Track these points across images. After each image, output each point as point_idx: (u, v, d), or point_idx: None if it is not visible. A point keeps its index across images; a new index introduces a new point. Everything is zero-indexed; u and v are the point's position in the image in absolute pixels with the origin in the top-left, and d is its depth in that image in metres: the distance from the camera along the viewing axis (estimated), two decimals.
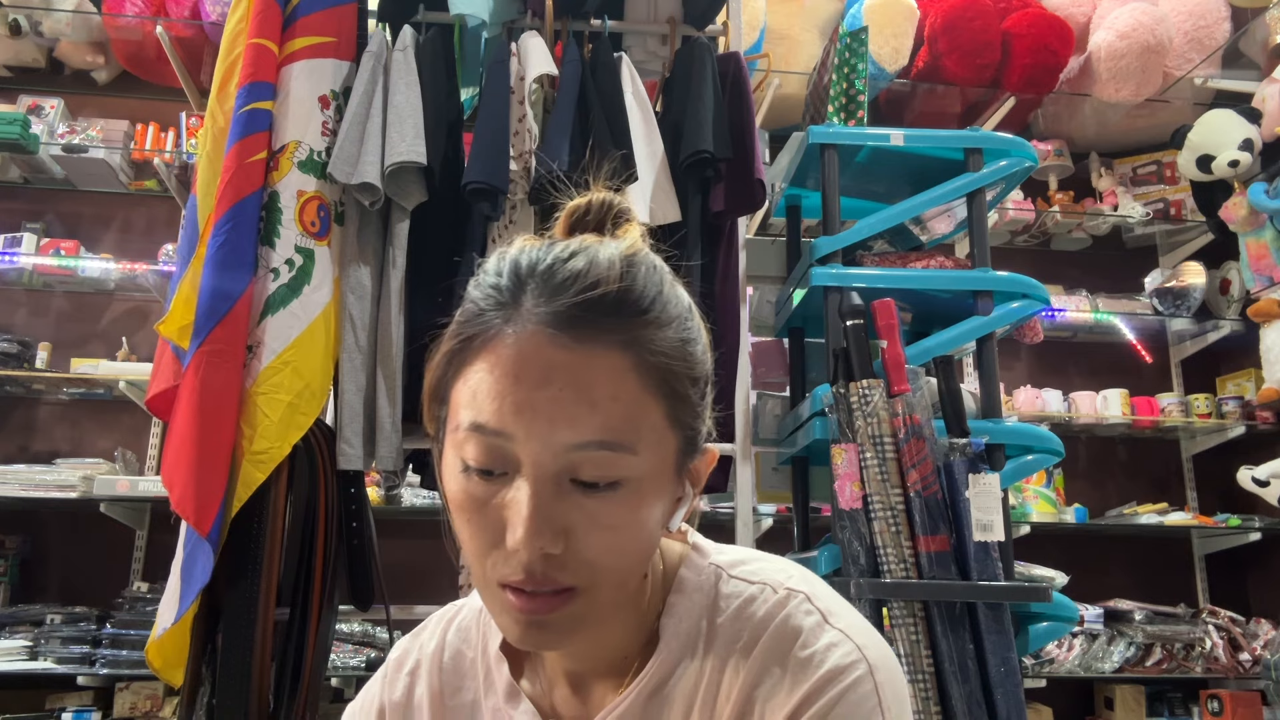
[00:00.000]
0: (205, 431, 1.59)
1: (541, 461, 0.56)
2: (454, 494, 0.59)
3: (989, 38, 3.17)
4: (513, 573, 0.56)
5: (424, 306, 1.86)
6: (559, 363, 0.55)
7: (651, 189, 1.87)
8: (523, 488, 0.56)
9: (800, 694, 0.59)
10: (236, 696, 1.59)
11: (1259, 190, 3.06)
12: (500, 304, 0.59)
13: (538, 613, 0.57)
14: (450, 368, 0.60)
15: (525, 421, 0.55)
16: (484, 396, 0.56)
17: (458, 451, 0.58)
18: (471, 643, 0.73)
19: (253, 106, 1.75)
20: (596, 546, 0.57)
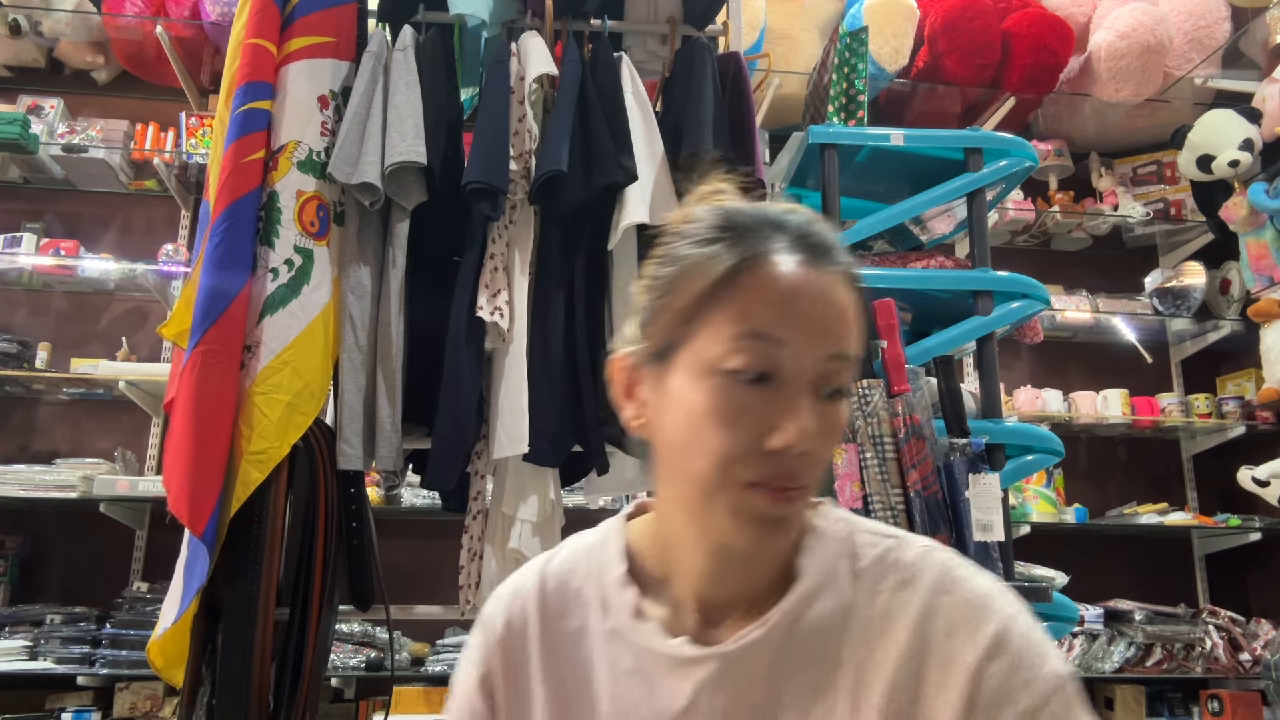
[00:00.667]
0: (200, 432, 1.59)
1: (809, 368, 0.64)
2: (708, 401, 0.64)
3: (989, 38, 3.17)
4: (770, 470, 0.63)
5: (424, 307, 1.86)
6: (824, 284, 0.65)
7: (652, 189, 1.86)
8: (796, 393, 0.64)
9: (989, 631, 0.64)
10: (236, 696, 1.58)
11: (1259, 190, 3.06)
12: (760, 236, 0.66)
13: (781, 506, 0.64)
14: (716, 288, 0.65)
15: (802, 331, 0.64)
16: (763, 306, 0.64)
17: (719, 362, 0.64)
18: (579, 573, 0.77)
19: (250, 106, 1.75)
20: (824, 450, 0.66)
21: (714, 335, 0.65)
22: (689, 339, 0.67)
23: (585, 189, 1.82)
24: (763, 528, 0.65)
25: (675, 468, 0.68)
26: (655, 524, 0.76)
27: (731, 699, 0.67)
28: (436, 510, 2.65)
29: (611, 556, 0.76)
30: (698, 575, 0.71)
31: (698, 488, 0.66)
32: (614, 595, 0.74)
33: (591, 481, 2.03)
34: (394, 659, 2.78)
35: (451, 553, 1.86)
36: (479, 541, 1.85)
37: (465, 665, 0.78)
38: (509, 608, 0.77)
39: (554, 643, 0.75)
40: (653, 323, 0.70)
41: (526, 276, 1.85)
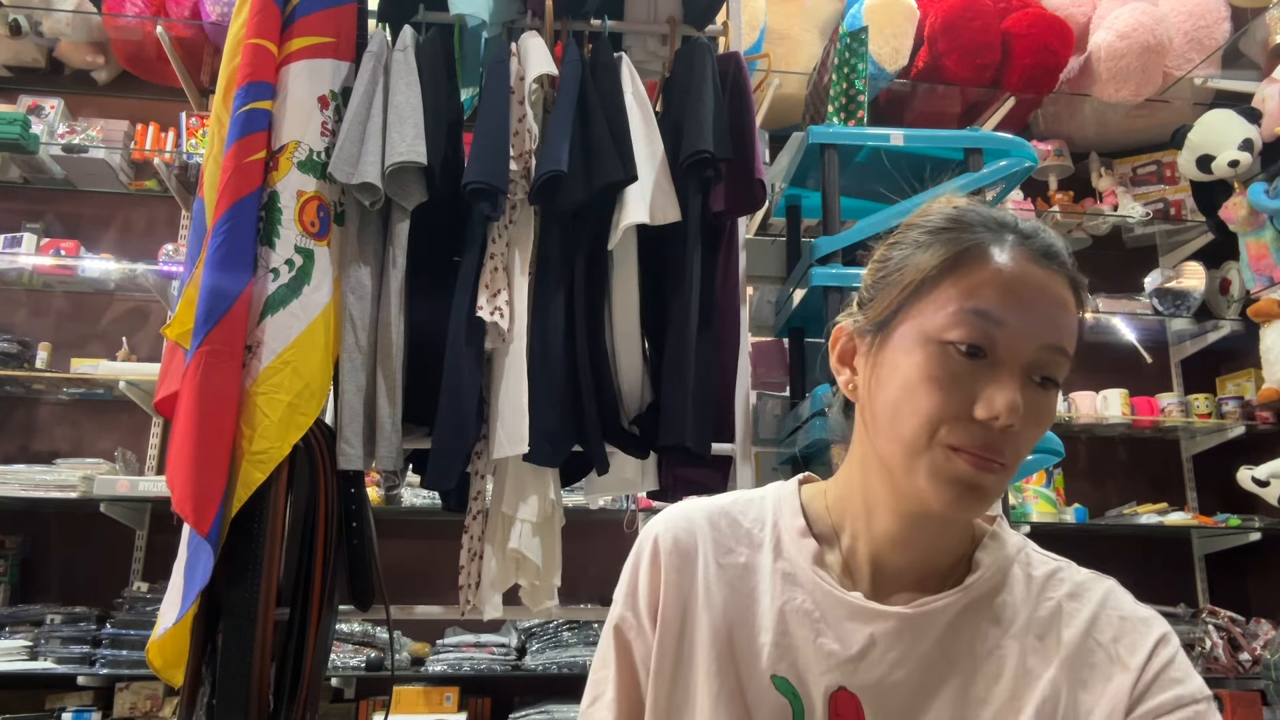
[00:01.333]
0: (204, 431, 1.59)
1: (1023, 351, 0.69)
2: (925, 366, 0.70)
3: (989, 38, 3.17)
4: (972, 439, 0.68)
5: (424, 307, 1.86)
6: (1046, 281, 0.71)
7: (651, 189, 1.86)
8: (1007, 371, 0.69)
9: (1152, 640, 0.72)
10: (236, 696, 1.58)
11: (1259, 190, 3.06)
12: (989, 230, 0.73)
13: (981, 472, 0.68)
14: (944, 267, 0.72)
15: (1022, 314, 0.69)
16: (989, 289, 0.70)
17: (940, 333, 0.70)
18: (750, 515, 0.82)
19: (251, 106, 1.75)
20: (1026, 436, 0.70)
21: (937, 309, 0.71)
22: (912, 312, 0.73)
23: (585, 189, 1.82)
24: (960, 492, 0.69)
25: (883, 429, 0.73)
26: (834, 490, 0.81)
27: (901, 655, 0.73)
28: (436, 510, 2.65)
29: (788, 507, 0.81)
30: (882, 538, 0.76)
31: (903, 447, 0.71)
32: (791, 541, 0.79)
33: (591, 481, 2.03)
34: (394, 659, 2.78)
35: (451, 553, 1.86)
36: (479, 541, 1.85)
37: (626, 577, 0.82)
38: (677, 529, 0.81)
39: (720, 569, 0.79)
40: (877, 297, 0.77)
41: (526, 276, 1.85)
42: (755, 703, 0.74)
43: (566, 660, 2.80)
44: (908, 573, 0.76)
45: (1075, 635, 0.73)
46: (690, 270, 1.84)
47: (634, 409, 1.91)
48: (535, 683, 2.93)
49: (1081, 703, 0.71)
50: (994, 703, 0.72)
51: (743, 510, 0.82)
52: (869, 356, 0.76)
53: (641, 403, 1.91)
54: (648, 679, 0.79)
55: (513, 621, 2.92)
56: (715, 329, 1.90)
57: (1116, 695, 0.70)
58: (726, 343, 1.93)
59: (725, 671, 0.75)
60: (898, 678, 0.72)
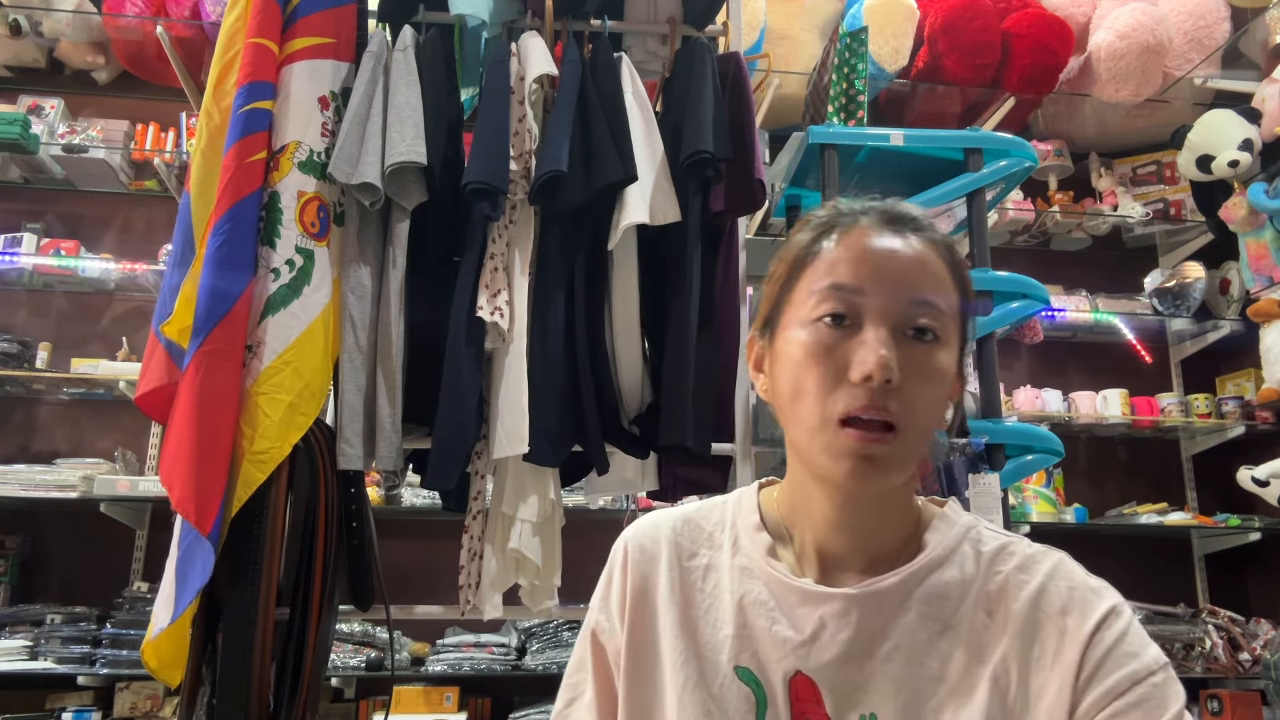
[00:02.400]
0: (205, 431, 1.59)
1: (888, 310, 0.73)
2: (803, 345, 0.74)
3: (989, 38, 3.17)
4: (854, 400, 0.71)
5: (424, 307, 1.86)
6: (898, 243, 0.75)
7: (651, 189, 1.86)
8: (870, 330, 0.72)
9: (1101, 611, 0.72)
10: (236, 696, 1.58)
11: (1259, 190, 3.06)
12: (843, 215, 0.78)
13: (869, 444, 0.71)
14: (805, 255, 0.78)
15: (876, 279, 0.73)
16: (842, 264, 0.75)
17: (810, 313, 0.75)
18: (711, 520, 0.85)
19: (252, 106, 1.75)
20: (915, 391, 0.72)
21: (805, 294, 0.76)
22: (788, 303, 0.78)
23: (585, 189, 1.82)
24: (854, 464, 0.71)
25: (789, 419, 0.77)
26: (783, 488, 0.84)
27: (852, 635, 0.74)
28: (436, 510, 2.65)
29: (745, 507, 0.85)
30: (822, 524, 0.78)
31: (805, 430, 0.74)
32: (747, 537, 0.82)
33: (591, 481, 2.03)
34: (394, 659, 2.78)
35: (451, 553, 1.86)
36: (479, 541, 1.85)
37: (601, 584, 0.87)
38: (642, 536, 0.85)
39: (683, 571, 0.83)
40: (764, 301, 0.82)
41: (526, 276, 1.85)
42: (721, 694, 0.76)
43: (566, 660, 2.79)
44: (854, 557, 0.78)
45: (1023, 608, 0.74)
46: (690, 270, 1.84)
47: (634, 409, 1.91)
48: (535, 683, 2.93)
49: (1032, 680, 0.71)
50: (948, 680, 0.73)
51: (705, 515, 0.86)
52: (767, 356, 0.81)
53: (641, 403, 1.91)
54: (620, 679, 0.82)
55: (513, 621, 2.92)
56: (715, 329, 1.90)
57: (1065, 671, 0.70)
58: (726, 343, 1.93)
59: (689, 665, 0.78)
60: (849, 657, 0.74)
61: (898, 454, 0.72)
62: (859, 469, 0.71)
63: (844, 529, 0.77)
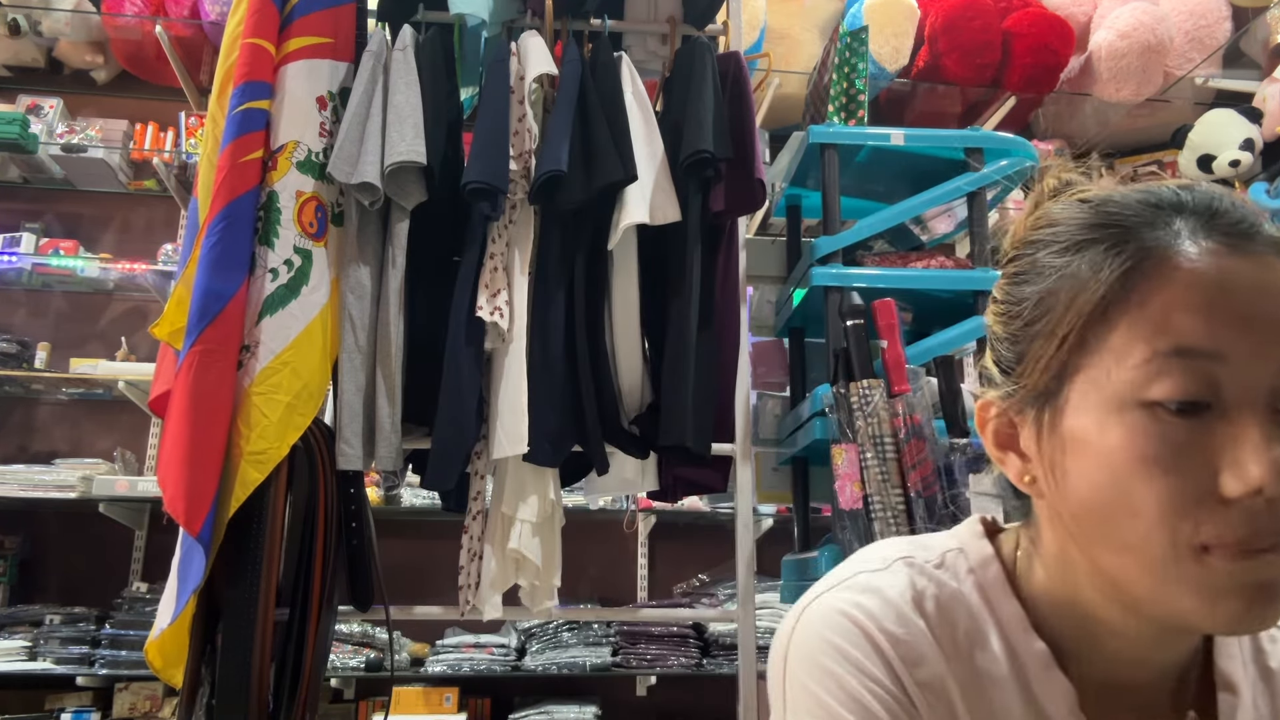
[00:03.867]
0: (197, 431, 1.58)
1: (1262, 383, 0.49)
2: (1131, 444, 0.50)
3: (989, 37, 3.16)
4: (1233, 530, 0.48)
5: (424, 307, 1.86)
6: (1258, 273, 0.50)
7: (651, 189, 1.86)
8: (1249, 418, 0.48)
9: None
10: (236, 697, 1.58)
11: (1260, 190, 3.06)
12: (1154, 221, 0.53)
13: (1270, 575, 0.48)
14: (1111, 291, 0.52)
15: (1244, 336, 0.49)
16: (1182, 315, 0.49)
17: (1137, 393, 0.50)
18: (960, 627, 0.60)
19: (248, 106, 1.74)
20: None
21: (1119, 360, 0.51)
22: (1082, 369, 0.54)
23: (585, 189, 1.81)
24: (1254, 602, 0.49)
25: (1096, 537, 0.54)
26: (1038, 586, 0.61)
27: None
28: (436, 510, 2.64)
29: (1014, 617, 0.60)
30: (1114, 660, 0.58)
31: (1139, 560, 0.51)
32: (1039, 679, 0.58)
33: (591, 481, 2.03)
34: (394, 659, 2.77)
35: (451, 553, 1.86)
36: (479, 541, 1.85)
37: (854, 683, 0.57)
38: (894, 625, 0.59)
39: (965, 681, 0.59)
40: (1027, 355, 0.57)
41: (526, 276, 1.85)
42: None
43: (566, 660, 2.80)
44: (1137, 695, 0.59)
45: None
46: (690, 270, 1.84)
47: (634, 409, 1.90)
48: (535, 683, 2.93)
49: None
50: None
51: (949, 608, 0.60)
52: (1040, 438, 0.57)
53: (641, 403, 1.91)
54: None
55: (512, 622, 2.91)
56: (715, 329, 1.90)
57: None
58: (726, 343, 1.93)
59: None
60: None
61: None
62: (1259, 611, 0.49)
63: (1146, 664, 0.58)
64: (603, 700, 2.85)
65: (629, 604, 3.14)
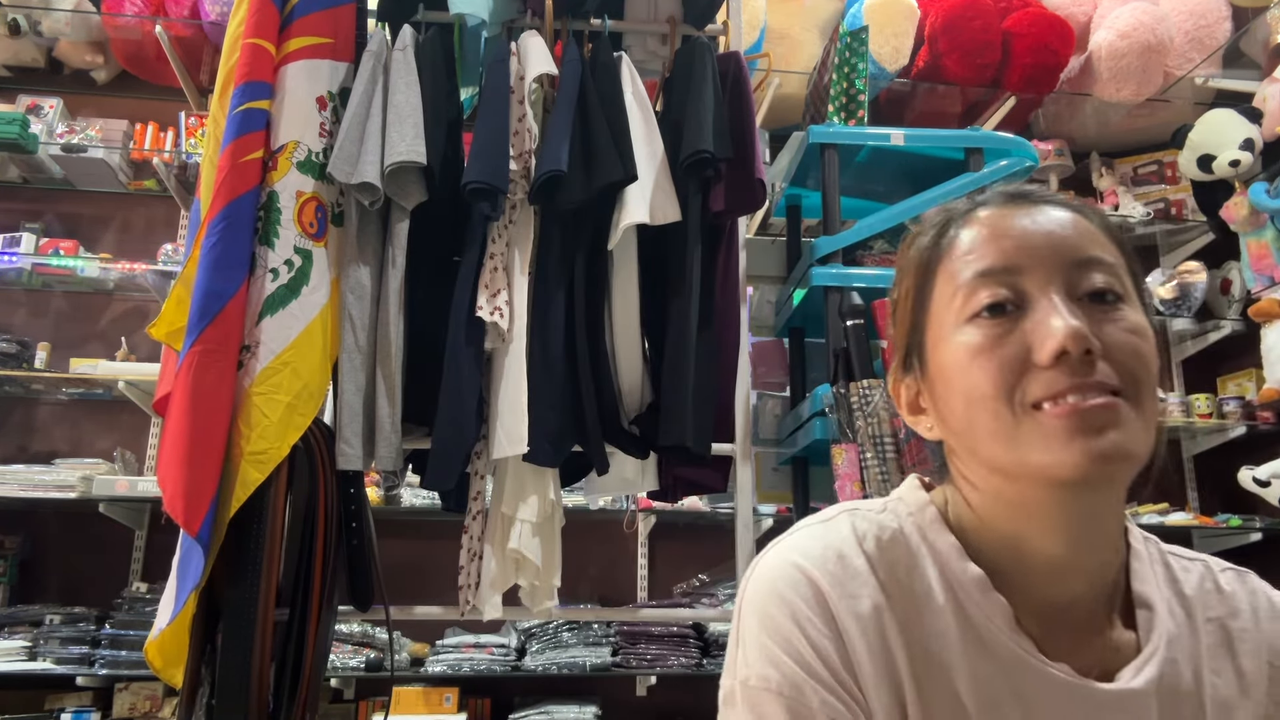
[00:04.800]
0: (196, 431, 1.58)
1: (1053, 280, 0.61)
2: (967, 348, 0.62)
3: (989, 37, 3.16)
4: (1052, 384, 0.58)
5: (424, 307, 1.86)
6: (1038, 213, 0.65)
7: (651, 189, 1.86)
8: (1045, 302, 0.61)
9: None
10: (236, 697, 1.58)
11: (1260, 190, 3.06)
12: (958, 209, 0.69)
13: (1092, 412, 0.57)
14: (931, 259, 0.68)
15: (1028, 253, 0.63)
16: (981, 249, 0.64)
17: (960, 314, 0.63)
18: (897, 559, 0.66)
19: (248, 106, 1.74)
20: (1123, 353, 0.59)
21: (948, 301, 0.65)
22: (927, 321, 0.67)
23: (585, 189, 1.81)
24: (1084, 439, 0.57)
25: (969, 438, 0.63)
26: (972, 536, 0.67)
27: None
28: (436, 510, 2.64)
29: (948, 547, 0.66)
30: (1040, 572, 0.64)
31: (994, 437, 0.61)
32: (975, 601, 0.64)
33: (591, 481, 2.03)
34: (394, 659, 2.77)
35: (451, 553, 1.86)
36: (479, 541, 1.85)
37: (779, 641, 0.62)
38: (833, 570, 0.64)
39: (910, 638, 0.63)
40: (896, 334, 0.71)
41: (526, 276, 1.85)
42: None
43: (566, 661, 2.80)
44: (1074, 619, 0.64)
45: (1255, 661, 0.67)
46: (690, 270, 1.84)
47: (634, 409, 1.90)
48: (535, 683, 2.92)
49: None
50: None
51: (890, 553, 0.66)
52: (923, 386, 0.68)
53: (641, 403, 1.91)
54: None
55: (512, 622, 2.91)
56: (715, 329, 1.90)
57: None
58: (726, 343, 1.93)
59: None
60: None
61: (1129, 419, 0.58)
62: (1092, 446, 0.57)
63: (1073, 572, 0.64)
64: (603, 700, 2.85)
65: (629, 604, 3.14)
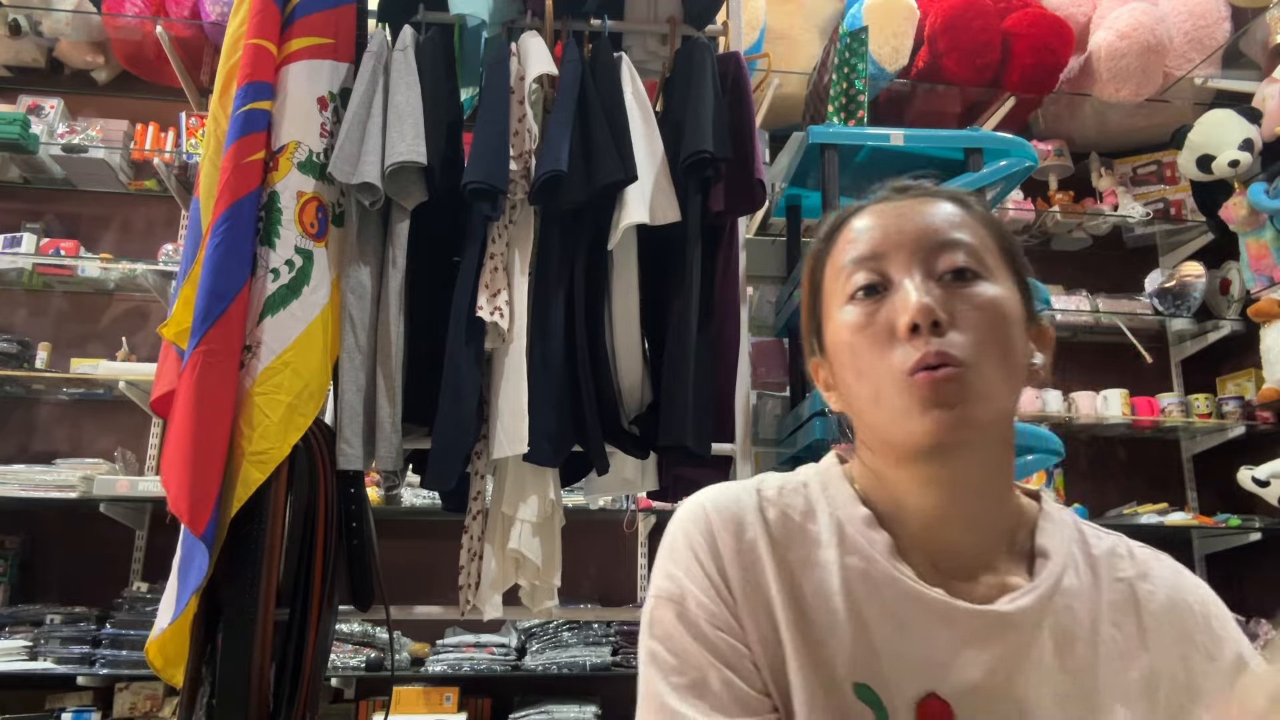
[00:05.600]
0: (200, 431, 1.59)
1: (913, 261, 0.71)
2: (846, 326, 0.73)
3: (989, 38, 3.17)
4: (910, 355, 0.68)
5: (424, 307, 1.86)
6: (908, 202, 0.74)
7: (651, 189, 1.86)
8: (903, 283, 0.70)
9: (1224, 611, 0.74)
10: (236, 697, 1.58)
11: (1259, 190, 3.06)
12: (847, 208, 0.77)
13: (939, 383, 0.67)
14: (822, 254, 0.78)
15: (895, 240, 0.72)
16: (857, 240, 0.74)
17: (842, 298, 0.73)
18: (794, 505, 0.76)
19: (250, 107, 1.74)
20: (973, 324, 0.69)
21: (833, 286, 0.75)
22: (823, 307, 0.77)
23: (585, 189, 1.82)
24: (935, 410, 0.67)
25: (861, 408, 0.73)
26: (870, 489, 0.76)
27: (994, 657, 0.68)
28: (436, 510, 2.65)
29: (842, 496, 0.75)
30: (923, 518, 0.72)
31: (875, 406, 0.71)
32: (859, 534, 0.72)
33: (591, 481, 2.03)
34: (394, 659, 2.78)
35: (451, 553, 1.86)
36: (479, 541, 1.85)
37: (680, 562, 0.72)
38: (729, 510, 0.74)
39: (785, 564, 0.72)
40: (804, 322, 0.82)
41: (526, 276, 1.85)
42: (837, 712, 0.68)
43: (566, 660, 2.80)
44: (967, 557, 0.72)
45: (1162, 618, 0.72)
46: (690, 270, 1.84)
47: (634, 409, 1.91)
48: (535, 683, 2.93)
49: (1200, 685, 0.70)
50: (1080, 696, 0.69)
51: (788, 501, 0.75)
52: (826, 363, 0.78)
53: (641, 403, 1.91)
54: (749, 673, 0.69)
55: (513, 621, 2.91)
56: (715, 329, 1.90)
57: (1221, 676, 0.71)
58: (726, 343, 1.93)
59: (813, 676, 0.68)
60: (993, 682, 0.67)
61: (974, 387, 0.67)
62: (939, 415, 0.66)
63: (950, 520, 0.71)
64: (603, 700, 2.85)
65: (629, 604, 3.14)
